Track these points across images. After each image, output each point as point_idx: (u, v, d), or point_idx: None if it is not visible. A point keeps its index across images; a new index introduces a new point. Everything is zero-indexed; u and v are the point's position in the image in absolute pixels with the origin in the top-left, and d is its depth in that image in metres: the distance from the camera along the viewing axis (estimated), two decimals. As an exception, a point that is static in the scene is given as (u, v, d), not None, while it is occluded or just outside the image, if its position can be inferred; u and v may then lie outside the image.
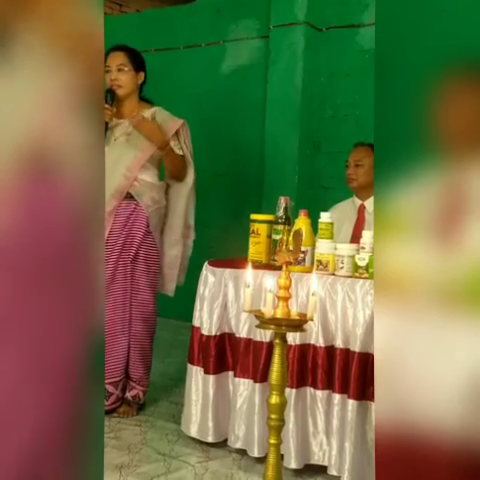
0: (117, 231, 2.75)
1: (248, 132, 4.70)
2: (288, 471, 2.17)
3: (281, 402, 1.76)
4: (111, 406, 2.75)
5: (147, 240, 2.80)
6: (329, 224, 2.32)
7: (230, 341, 2.42)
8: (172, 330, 4.52)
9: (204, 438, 2.42)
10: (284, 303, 1.72)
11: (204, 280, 2.47)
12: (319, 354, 2.19)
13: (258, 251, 2.45)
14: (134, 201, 2.78)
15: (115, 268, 2.74)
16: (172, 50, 5.12)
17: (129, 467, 2.24)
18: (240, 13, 4.82)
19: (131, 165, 2.78)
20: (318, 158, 4.52)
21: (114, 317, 2.75)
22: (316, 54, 4.45)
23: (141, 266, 2.79)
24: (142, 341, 2.81)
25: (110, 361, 2.73)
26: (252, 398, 2.29)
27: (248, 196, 4.64)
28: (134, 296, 2.78)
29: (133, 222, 2.78)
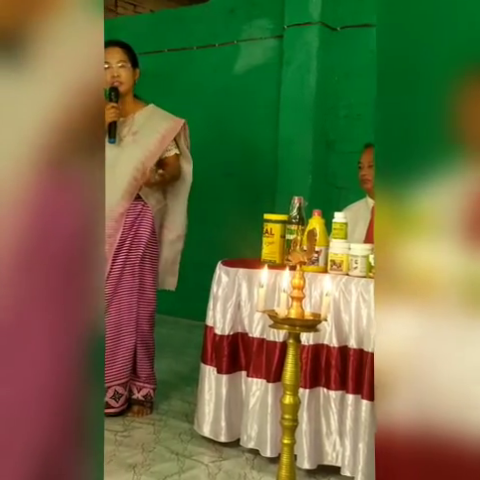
0: (125, 231, 2.76)
1: (262, 132, 4.70)
2: (301, 471, 2.17)
3: (295, 402, 1.75)
4: (122, 407, 2.75)
5: (152, 240, 2.83)
6: (343, 224, 2.31)
7: (243, 341, 2.42)
8: (185, 329, 4.53)
9: (217, 438, 2.42)
10: (298, 303, 1.72)
11: (217, 280, 2.47)
12: (333, 354, 2.18)
13: (272, 251, 2.44)
14: (141, 201, 2.79)
15: (122, 268, 2.75)
16: (186, 50, 5.12)
17: (143, 466, 2.25)
18: (254, 13, 4.81)
19: (141, 166, 2.77)
20: (331, 158, 4.51)
21: (121, 317, 2.75)
22: (330, 54, 4.44)
23: (147, 266, 2.81)
24: (148, 340, 2.83)
25: (118, 362, 2.73)
26: (265, 398, 2.29)
27: (261, 196, 4.63)
28: (141, 295, 2.79)
29: (140, 222, 2.79)
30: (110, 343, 2.71)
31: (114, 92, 2.78)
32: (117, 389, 2.72)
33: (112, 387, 2.71)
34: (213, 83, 4.96)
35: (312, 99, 4.40)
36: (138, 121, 2.84)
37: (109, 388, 2.70)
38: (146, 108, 2.91)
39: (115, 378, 2.71)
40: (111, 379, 2.70)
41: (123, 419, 2.72)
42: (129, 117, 2.85)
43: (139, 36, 5.32)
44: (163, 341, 4.01)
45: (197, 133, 3.47)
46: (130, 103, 2.88)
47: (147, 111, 2.89)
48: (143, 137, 2.80)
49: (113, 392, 2.71)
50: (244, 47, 4.87)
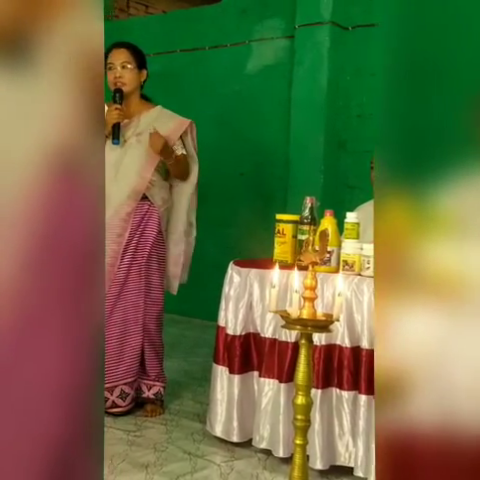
0: (132, 231, 2.77)
1: (273, 132, 4.70)
2: (314, 472, 2.16)
3: (307, 403, 1.75)
4: (128, 407, 2.75)
5: (159, 240, 2.83)
6: (355, 224, 2.31)
7: (255, 341, 2.42)
8: (196, 329, 4.54)
9: (229, 438, 2.42)
10: (310, 303, 1.72)
11: (229, 280, 2.48)
12: (345, 355, 2.18)
13: (283, 251, 2.44)
14: (148, 201, 2.80)
15: (129, 268, 2.75)
16: (198, 50, 5.13)
17: (155, 466, 2.26)
18: (265, 13, 4.81)
19: (146, 165, 2.77)
20: (343, 157, 4.50)
21: (127, 317, 2.75)
22: (341, 53, 4.43)
23: (154, 265, 2.81)
24: (155, 339, 2.84)
25: (124, 361, 2.73)
26: (277, 398, 2.29)
27: (273, 196, 4.63)
28: (147, 295, 2.79)
29: (147, 222, 2.79)
30: (116, 342, 2.72)
31: (118, 93, 2.77)
32: (123, 388, 2.72)
33: (119, 386, 2.71)
34: (225, 83, 4.96)
35: (324, 99, 4.39)
36: (143, 122, 2.84)
37: (116, 387, 2.71)
38: (153, 110, 2.90)
39: (122, 377, 2.72)
40: (118, 378, 2.71)
41: (135, 419, 2.73)
42: (134, 118, 2.84)
43: (151, 37, 5.34)
44: (175, 341, 4.03)
45: (209, 133, 3.48)
46: (136, 104, 2.87)
47: (154, 112, 2.89)
48: (147, 138, 2.78)
49: (120, 391, 2.72)
50: (256, 47, 4.87)
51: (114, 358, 2.70)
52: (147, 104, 2.92)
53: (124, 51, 2.82)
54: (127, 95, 2.82)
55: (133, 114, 2.85)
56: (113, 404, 2.70)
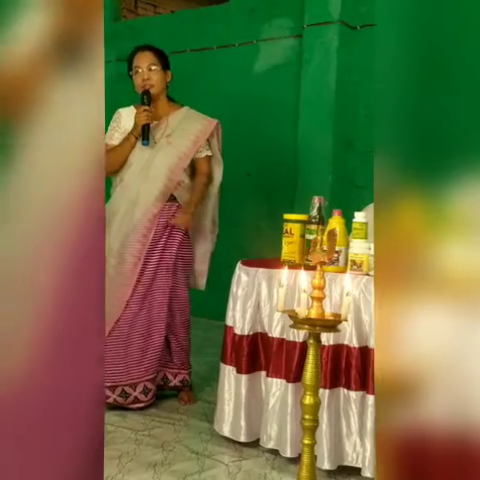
0: (159, 231, 2.83)
1: (281, 131, 4.70)
2: (321, 472, 2.16)
3: (315, 402, 1.75)
4: (150, 401, 2.84)
5: (186, 241, 2.89)
6: (363, 224, 2.30)
7: (263, 341, 2.42)
8: (203, 329, 4.54)
9: (237, 437, 2.42)
10: (318, 303, 1.72)
11: (237, 280, 2.48)
12: (353, 355, 2.18)
13: (291, 251, 2.44)
14: (176, 203, 2.86)
15: (156, 268, 2.83)
16: (206, 50, 5.13)
17: (163, 465, 2.26)
18: (273, 12, 4.81)
19: (174, 167, 2.83)
20: (351, 157, 4.49)
21: (151, 316, 2.83)
22: (350, 52, 4.42)
23: (180, 265, 2.89)
24: (180, 333, 2.94)
25: (148, 358, 2.81)
26: (285, 398, 2.29)
27: (281, 195, 4.63)
28: (173, 293, 2.87)
29: (174, 223, 2.85)
30: (141, 340, 2.80)
31: (146, 95, 2.83)
32: (146, 384, 2.81)
33: (141, 383, 2.79)
34: (233, 83, 4.96)
35: (332, 98, 4.38)
36: (172, 124, 2.89)
37: (139, 383, 2.78)
38: (180, 110, 2.96)
39: (145, 374, 2.80)
40: (141, 375, 2.79)
41: (144, 418, 2.73)
42: (163, 120, 2.90)
43: (159, 37, 5.34)
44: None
45: (217, 133, 3.45)
46: (163, 106, 2.93)
47: (181, 113, 2.94)
48: (177, 139, 2.85)
49: (142, 387, 2.80)
50: (264, 47, 4.87)
51: (138, 355, 2.79)
52: (174, 105, 2.99)
53: (149, 53, 2.89)
54: (155, 97, 2.88)
55: (161, 115, 2.91)
56: (135, 399, 2.79)
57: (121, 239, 2.80)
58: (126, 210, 2.82)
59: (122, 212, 2.83)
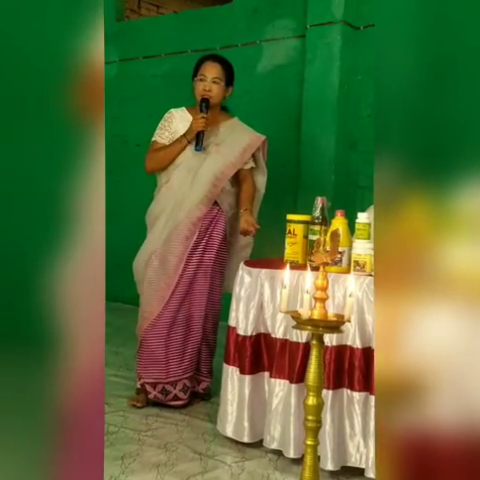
0: (201, 234, 2.89)
1: (284, 132, 4.69)
2: (325, 473, 2.16)
3: (318, 403, 1.74)
4: (188, 399, 2.89)
5: (224, 244, 2.96)
6: (366, 224, 2.30)
7: (266, 341, 2.42)
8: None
9: (240, 438, 2.42)
10: (321, 304, 1.71)
11: (240, 280, 2.48)
12: (356, 355, 2.17)
13: (294, 251, 2.44)
14: (217, 206, 2.93)
15: (196, 269, 2.89)
16: (209, 50, 5.10)
17: (166, 466, 2.26)
18: (276, 13, 4.80)
19: (221, 175, 2.90)
20: (355, 157, 4.48)
21: (191, 316, 2.89)
22: (353, 53, 4.41)
23: (217, 268, 2.95)
24: (210, 337, 2.99)
25: (187, 357, 2.87)
26: (288, 399, 2.29)
27: (284, 196, 4.61)
28: (209, 296, 2.93)
29: (214, 226, 2.92)
30: (181, 339, 2.87)
31: (205, 103, 2.89)
32: (185, 382, 2.87)
33: (181, 380, 2.85)
34: (236, 83, 4.94)
35: (335, 98, 4.37)
36: (222, 133, 2.97)
37: (179, 381, 2.84)
38: (231, 121, 3.04)
39: (184, 372, 2.86)
40: (181, 373, 2.85)
41: (146, 419, 2.73)
42: (214, 129, 2.96)
43: (162, 37, 5.35)
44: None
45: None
46: (217, 115, 3.00)
47: (231, 124, 3.03)
48: (226, 148, 2.93)
49: (182, 385, 2.85)
50: (267, 47, 4.86)
51: (179, 354, 2.85)
52: (225, 114, 3.07)
53: (217, 66, 2.95)
54: (212, 106, 2.93)
55: (213, 124, 2.96)
56: (175, 397, 2.84)
57: (164, 239, 2.87)
58: (171, 211, 2.89)
59: (167, 212, 2.90)
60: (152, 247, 2.89)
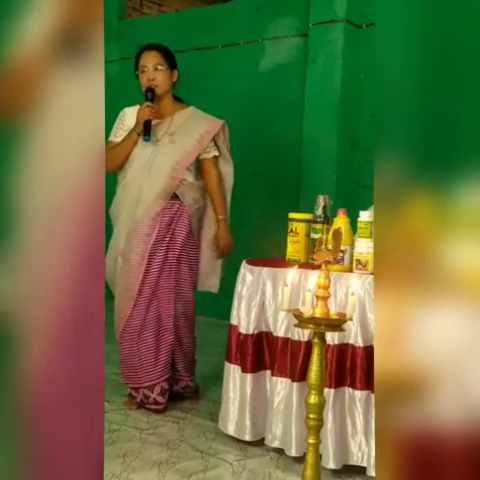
0: (162, 230, 2.79)
1: (286, 130, 4.69)
2: (326, 471, 2.16)
3: (320, 402, 1.75)
4: (166, 403, 2.82)
5: (189, 240, 2.86)
6: (368, 223, 2.29)
7: (267, 340, 2.42)
8: (208, 328, 4.53)
9: (241, 436, 2.42)
10: (323, 302, 1.71)
11: (242, 279, 2.47)
12: (358, 354, 2.17)
13: (296, 250, 2.44)
14: (178, 201, 2.82)
15: (161, 268, 2.80)
16: (211, 49, 5.13)
17: (168, 463, 2.26)
18: (279, 11, 4.80)
19: (177, 166, 2.80)
20: (356, 156, 4.48)
21: (161, 314, 2.82)
22: (355, 51, 4.41)
23: (184, 265, 2.86)
24: (182, 336, 2.90)
25: (161, 358, 2.80)
26: (290, 397, 2.29)
27: (286, 195, 4.62)
28: (178, 294, 2.85)
29: (177, 222, 2.82)
30: (153, 340, 2.79)
31: (150, 92, 2.82)
32: (163, 385, 2.80)
33: (159, 384, 2.78)
34: (238, 82, 4.95)
35: (337, 97, 4.37)
36: (176, 122, 2.87)
37: (156, 385, 2.77)
38: (185, 110, 2.94)
39: (161, 375, 2.79)
40: (157, 376, 2.78)
41: (148, 417, 2.74)
42: (167, 118, 2.88)
43: (164, 35, 5.33)
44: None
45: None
46: (168, 105, 2.91)
47: (186, 113, 2.92)
48: (180, 137, 2.83)
49: (160, 388, 2.79)
50: (269, 46, 4.86)
51: (152, 356, 2.78)
52: (180, 104, 2.97)
53: (155, 53, 2.87)
54: (160, 96, 2.86)
55: (166, 114, 2.89)
56: (154, 401, 2.78)
57: (125, 237, 2.79)
58: (129, 208, 2.80)
59: (125, 210, 2.81)
60: (116, 247, 2.80)
